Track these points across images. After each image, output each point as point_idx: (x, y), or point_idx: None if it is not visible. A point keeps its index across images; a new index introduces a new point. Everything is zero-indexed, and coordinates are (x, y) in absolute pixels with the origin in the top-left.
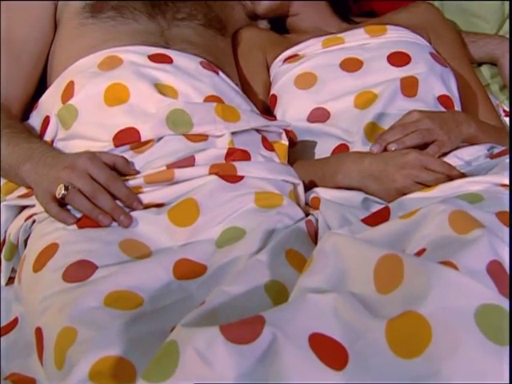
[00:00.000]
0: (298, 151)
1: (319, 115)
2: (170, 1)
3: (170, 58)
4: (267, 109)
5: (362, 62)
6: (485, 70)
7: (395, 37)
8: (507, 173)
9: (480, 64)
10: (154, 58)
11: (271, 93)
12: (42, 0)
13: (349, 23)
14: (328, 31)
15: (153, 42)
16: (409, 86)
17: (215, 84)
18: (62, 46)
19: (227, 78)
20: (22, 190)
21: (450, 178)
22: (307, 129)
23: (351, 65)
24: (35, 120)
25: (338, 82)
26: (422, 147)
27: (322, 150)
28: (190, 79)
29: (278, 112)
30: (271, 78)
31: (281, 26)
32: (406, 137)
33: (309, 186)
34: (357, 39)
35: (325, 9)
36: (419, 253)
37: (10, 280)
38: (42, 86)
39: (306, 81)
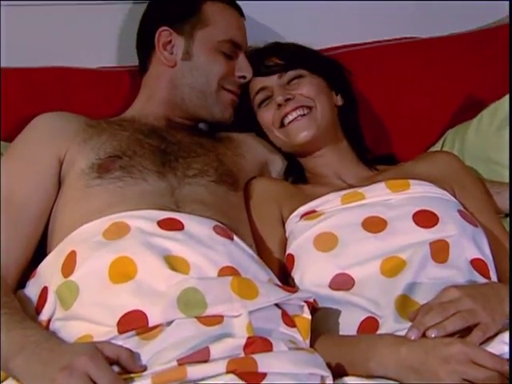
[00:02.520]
0: (319, 319)
1: (343, 282)
2: (181, 157)
3: (181, 223)
4: (283, 268)
5: (385, 221)
6: None
7: (419, 192)
8: None
9: (507, 214)
10: (163, 224)
11: (288, 252)
12: (47, 153)
13: (370, 169)
14: (344, 180)
15: (163, 204)
16: (439, 251)
17: (230, 252)
18: (64, 209)
19: (242, 243)
20: None
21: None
22: (330, 296)
23: (374, 225)
24: (32, 290)
25: (361, 245)
26: (464, 329)
27: (348, 322)
28: (203, 248)
29: (295, 274)
30: (287, 234)
31: (295, 175)
32: (446, 321)
33: (336, 371)
34: (378, 195)
35: (348, 156)
36: None
37: None
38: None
39: (326, 242)
